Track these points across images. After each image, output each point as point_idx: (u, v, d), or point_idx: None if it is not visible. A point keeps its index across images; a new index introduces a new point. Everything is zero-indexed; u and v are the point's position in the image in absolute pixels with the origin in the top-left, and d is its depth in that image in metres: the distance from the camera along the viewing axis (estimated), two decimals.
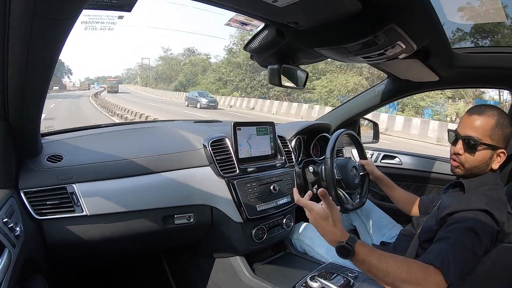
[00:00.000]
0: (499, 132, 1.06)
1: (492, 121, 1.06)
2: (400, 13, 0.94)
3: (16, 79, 0.82)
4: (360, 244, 0.92)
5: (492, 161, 1.09)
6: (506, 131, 1.07)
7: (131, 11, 0.93)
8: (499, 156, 1.08)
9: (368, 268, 0.92)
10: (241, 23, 1.24)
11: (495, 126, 1.06)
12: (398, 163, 2.16)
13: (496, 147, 1.07)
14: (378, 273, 0.91)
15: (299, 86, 1.62)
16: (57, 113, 15.68)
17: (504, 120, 1.07)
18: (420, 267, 0.90)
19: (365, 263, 0.91)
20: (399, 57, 1.24)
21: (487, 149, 1.07)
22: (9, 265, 0.79)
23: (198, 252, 1.63)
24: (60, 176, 1.14)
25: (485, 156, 1.08)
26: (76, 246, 1.18)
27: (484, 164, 1.09)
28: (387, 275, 0.90)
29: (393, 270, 0.89)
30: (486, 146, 1.07)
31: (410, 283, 0.88)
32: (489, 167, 1.10)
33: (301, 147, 1.96)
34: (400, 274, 0.88)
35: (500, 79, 1.58)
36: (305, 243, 1.62)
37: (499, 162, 1.09)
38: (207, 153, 1.39)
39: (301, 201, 1.01)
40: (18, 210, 0.99)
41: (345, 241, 0.92)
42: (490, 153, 1.08)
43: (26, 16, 0.66)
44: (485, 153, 1.08)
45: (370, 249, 0.93)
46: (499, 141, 1.07)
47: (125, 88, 58.65)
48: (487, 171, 1.11)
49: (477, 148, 1.08)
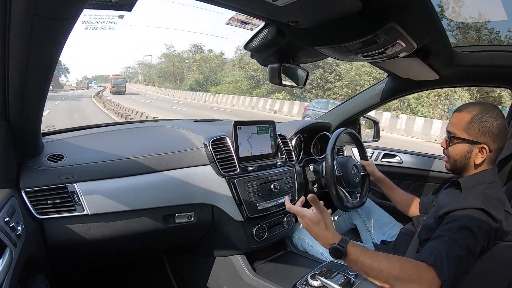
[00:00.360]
0: (475, 127, 1.08)
1: (467, 117, 1.10)
2: (400, 12, 0.94)
3: (17, 79, 0.82)
4: (352, 245, 0.95)
5: (471, 155, 1.11)
6: (484, 125, 1.07)
7: (131, 10, 0.93)
8: (481, 151, 1.09)
9: (361, 267, 0.95)
10: (242, 22, 1.24)
11: (470, 121, 1.09)
12: (399, 161, 2.16)
13: (473, 141, 1.09)
14: (371, 272, 0.93)
15: (300, 85, 1.62)
16: (55, 122, 10.92)
17: (484, 116, 1.07)
18: (413, 265, 0.92)
19: (358, 263, 0.94)
20: (399, 56, 1.24)
21: (462, 143, 1.11)
22: (11, 264, 0.79)
23: (198, 251, 1.63)
24: (61, 176, 1.14)
25: (463, 150, 1.12)
26: (77, 245, 1.18)
27: (463, 158, 1.12)
28: (380, 273, 0.92)
29: (386, 268, 0.91)
30: (460, 140, 1.11)
31: (403, 280, 0.90)
32: (472, 162, 1.12)
33: (302, 146, 1.97)
34: (393, 271, 0.91)
35: (501, 77, 1.58)
36: (306, 242, 1.62)
37: (482, 158, 1.09)
38: (208, 152, 1.39)
39: (292, 208, 1.06)
40: (19, 210, 0.99)
41: (337, 242, 0.96)
42: (467, 147, 1.11)
43: (27, 16, 0.66)
44: (462, 147, 1.12)
45: (362, 249, 0.95)
46: (476, 136, 1.08)
47: (129, 88, 50.02)
48: (470, 166, 1.13)
49: (453, 142, 1.13)
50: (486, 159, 1.10)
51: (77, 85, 63.88)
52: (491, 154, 1.10)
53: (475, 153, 1.10)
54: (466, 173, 1.15)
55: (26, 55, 0.76)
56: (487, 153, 1.08)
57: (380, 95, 2.05)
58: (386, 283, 0.92)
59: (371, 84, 2.78)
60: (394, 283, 0.90)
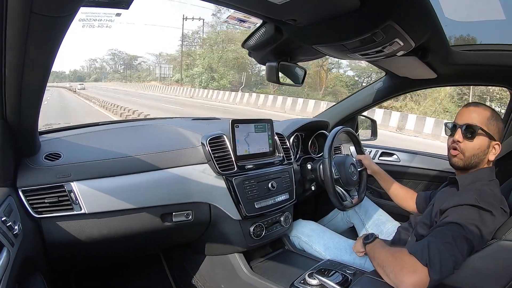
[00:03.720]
0: (494, 123, 1.11)
1: (488, 112, 1.12)
2: (399, 10, 0.94)
3: (14, 78, 0.81)
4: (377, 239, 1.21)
5: (489, 151, 1.12)
6: (500, 124, 1.12)
7: (128, 8, 0.92)
8: (494, 148, 1.12)
9: (372, 254, 1.14)
10: (239, 20, 1.24)
11: (491, 117, 1.12)
12: (396, 160, 2.17)
13: (492, 137, 1.11)
14: (373, 259, 1.11)
15: (297, 83, 1.62)
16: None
17: (498, 116, 1.13)
18: (398, 250, 1.03)
19: (372, 250, 1.15)
20: (397, 55, 1.24)
21: (485, 137, 1.11)
22: (8, 264, 0.79)
23: (196, 250, 1.63)
24: (58, 174, 1.13)
25: (483, 144, 1.12)
26: (75, 244, 1.18)
27: (482, 153, 1.12)
28: (378, 257, 1.08)
29: (382, 256, 1.06)
30: (484, 133, 1.11)
31: (390, 266, 0.99)
32: (486, 158, 1.13)
33: (299, 144, 1.97)
34: (385, 257, 1.04)
35: (498, 76, 1.59)
36: (303, 241, 1.63)
37: (495, 154, 1.12)
38: (205, 151, 1.39)
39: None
40: (16, 209, 0.99)
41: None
42: (487, 142, 1.12)
43: (23, 14, 0.66)
44: (483, 141, 1.12)
45: (379, 241, 1.19)
46: (494, 132, 1.11)
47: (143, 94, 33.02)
48: (484, 162, 1.14)
49: (477, 134, 1.11)
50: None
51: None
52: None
53: (491, 149, 1.12)
54: (471, 171, 1.16)
55: (23, 54, 0.75)
56: (499, 150, 1.12)
57: (378, 94, 2.05)
58: (382, 267, 1.03)
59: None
60: (386, 267, 1.01)
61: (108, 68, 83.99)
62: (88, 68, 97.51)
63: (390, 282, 0.96)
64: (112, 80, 70.70)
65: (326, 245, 1.54)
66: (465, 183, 1.13)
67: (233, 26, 26.82)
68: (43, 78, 0.89)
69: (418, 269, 0.91)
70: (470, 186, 1.11)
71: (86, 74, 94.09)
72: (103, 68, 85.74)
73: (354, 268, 1.30)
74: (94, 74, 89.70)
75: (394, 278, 0.95)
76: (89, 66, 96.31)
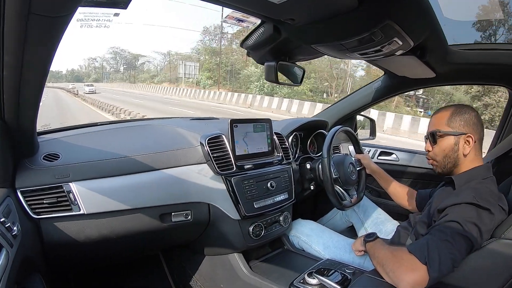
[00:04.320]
0: (457, 119, 1.14)
1: (446, 114, 1.17)
2: (397, 9, 0.94)
3: (12, 78, 0.81)
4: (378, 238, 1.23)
5: (459, 146, 1.14)
6: (464, 116, 1.14)
7: (126, 8, 0.92)
8: (467, 141, 1.13)
9: (372, 252, 1.15)
10: (238, 19, 1.25)
11: (450, 115, 1.15)
12: (395, 159, 2.17)
13: (458, 132, 1.13)
14: (373, 257, 1.13)
15: (296, 83, 1.62)
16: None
17: (461, 110, 1.15)
18: (398, 249, 1.04)
19: (373, 248, 1.16)
20: (395, 54, 1.24)
21: (448, 136, 1.15)
22: (7, 264, 0.79)
23: (195, 250, 1.63)
24: (57, 175, 1.13)
25: (448, 143, 1.15)
26: (74, 245, 1.18)
27: (451, 151, 1.15)
28: (378, 256, 1.09)
29: (381, 255, 1.08)
30: (445, 133, 1.15)
31: (391, 261, 1.01)
32: (460, 153, 1.15)
33: (298, 144, 1.97)
34: (384, 256, 1.06)
35: (497, 76, 1.59)
36: (302, 240, 1.63)
37: (470, 147, 1.13)
38: (204, 151, 1.38)
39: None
40: (15, 210, 0.99)
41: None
42: (453, 140, 1.15)
43: (21, 14, 0.65)
44: (448, 141, 1.15)
45: (379, 241, 1.21)
46: (459, 127, 1.13)
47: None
48: (461, 159, 1.15)
49: (438, 138, 1.16)
50: (473, 150, 1.14)
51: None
52: (477, 144, 1.14)
53: (462, 144, 1.14)
54: (458, 170, 1.17)
55: (21, 54, 0.75)
56: (473, 143, 1.13)
57: (377, 93, 2.05)
58: (382, 266, 1.04)
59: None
60: (385, 265, 1.02)
61: (109, 67, 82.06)
62: (87, 68, 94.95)
63: (390, 280, 0.97)
64: (115, 81, 67.59)
65: (326, 244, 1.54)
66: (461, 182, 1.14)
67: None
68: (41, 78, 0.88)
69: (417, 267, 0.92)
70: (466, 185, 1.11)
71: (85, 74, 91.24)
72: (104, 68, 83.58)
73: (354, 268, 1.30)
74: (93, 74, 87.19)
75: (393, 277, 0.96)
76: (88, 66, 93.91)
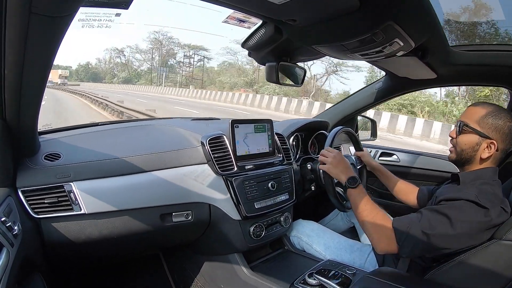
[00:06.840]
0: (488, 121, 1.10)
1: (483, 111, 1.12)
2: (398, 10, 0.93)
3: (13, 78, 0.81)
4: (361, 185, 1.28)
5: (479, 148, 1.12)
6: (498, 122, 1.09)
7: (128, 8, 0.92)
8: (489, 146, 1.11)
9: (354, 201, 1.25)
10: (239, 20, 1.24)
11: (484, 115, 1.11)
12: (396, 160, 2.17)
13: (484, 134, 1.10)
14: (356, 209, 1.23)
15: (297, 84, 1.62)
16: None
17: (499, 114, 1.10)
18: (382, 218, 1.15)
19: (356, 198, 1.24)
20: (397, 55, 1.24)
21: (473, 134, 1.12)
22: (8, 264, 0.79)
23: (196, 250, 1.63)
24: (58, 175, 1.13)
25: (472, 141, 1.13)
26: (74, 244, 1.18)
27: (470, 149, 1.14)
28: (361, 213, 1.21)
29: (365, 212, 1.19)
30: (471, 130, 1.12)
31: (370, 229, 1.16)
32: (478, 155, 1.13)
33: (299, 144, 1.97)
34: (367, 218, 1.18)
35: (498, 77, 1.58)
36: (303, 241, 1.62)
37: (489, 153, 1.11)
38: (205, 151, 1.39)
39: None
40: (16, 209, 0.99)
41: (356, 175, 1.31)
42: (476, 139, 1.12)
43: (23, 14, 0.65)
44: (471, 137, 1.13)
45: (364, 192, 1.27)
46: (488, 130, 1.10)
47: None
48: (476, 160, 1.14)
49: (463, 131, 1.14)
50: (492, 157, 1.12)
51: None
52: (498, 153, 1.12)
53: (483, 147, 1.12)
54: (469, 167, 1.17)
55: (23, 54, 0.75)
56: (494, 150, 1.10)
57: (378, 94, 2.05)
58: (361, 223, 1.20)
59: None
60: (365, 227, 1.18)
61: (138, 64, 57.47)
62: (107, 63, 63.68)
63: (368, 237, 1.18)
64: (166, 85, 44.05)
65: (326, 244, 1.54)
66: (467, 180, 1.13)
67: None
68: (42, 78, 0.89)
69: (391, 245, 1.08)
70: (471, 183, 1.11)
71: (107, 71, 62.95)
72: (131, 63, 58.00)
73: (354, 268, 1.30)
74: (122, 71, 59.17)
75: (371, 239, 1.16)
76: (109, 60, 62.43)
